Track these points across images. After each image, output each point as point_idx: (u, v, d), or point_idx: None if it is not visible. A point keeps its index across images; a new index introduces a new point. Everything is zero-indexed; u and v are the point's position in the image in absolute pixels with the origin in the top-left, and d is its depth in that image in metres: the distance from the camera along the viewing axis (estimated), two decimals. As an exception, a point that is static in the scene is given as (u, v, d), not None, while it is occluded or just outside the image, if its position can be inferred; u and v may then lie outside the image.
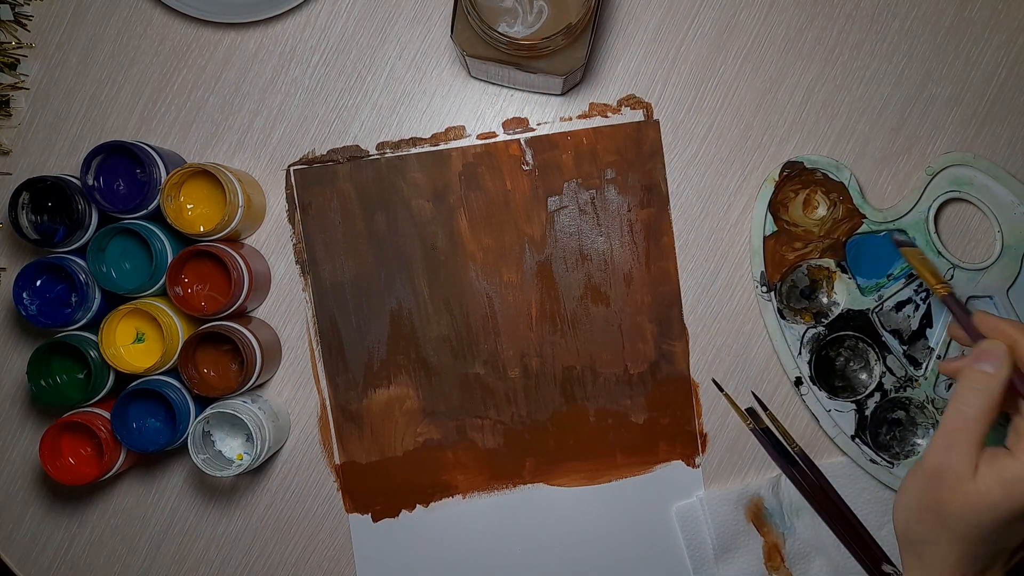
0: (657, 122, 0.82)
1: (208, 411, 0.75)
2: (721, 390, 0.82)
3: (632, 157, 0.82)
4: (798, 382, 0.81)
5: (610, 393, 0.82)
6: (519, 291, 0.82)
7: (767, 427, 0.82)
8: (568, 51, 0.73)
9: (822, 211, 0.81)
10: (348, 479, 0.82)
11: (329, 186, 0.82)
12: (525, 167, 0.82)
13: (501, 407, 0.82)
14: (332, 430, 0.82)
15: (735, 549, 0.81)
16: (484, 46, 0.72)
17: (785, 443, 0.82)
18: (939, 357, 0.81)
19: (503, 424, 0.82)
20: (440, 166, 0.82)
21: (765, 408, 0.82)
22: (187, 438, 0.75)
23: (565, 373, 0.82)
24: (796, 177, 0.81)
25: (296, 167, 0.82)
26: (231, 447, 0.79)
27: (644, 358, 0.82)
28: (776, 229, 0.81)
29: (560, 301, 0.82)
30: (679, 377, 0.82)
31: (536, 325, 0.82)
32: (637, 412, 0.82)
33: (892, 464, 0.81)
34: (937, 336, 0.81)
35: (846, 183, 0.80)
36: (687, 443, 0.82)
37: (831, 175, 0.81)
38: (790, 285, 0.82)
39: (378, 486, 0.82)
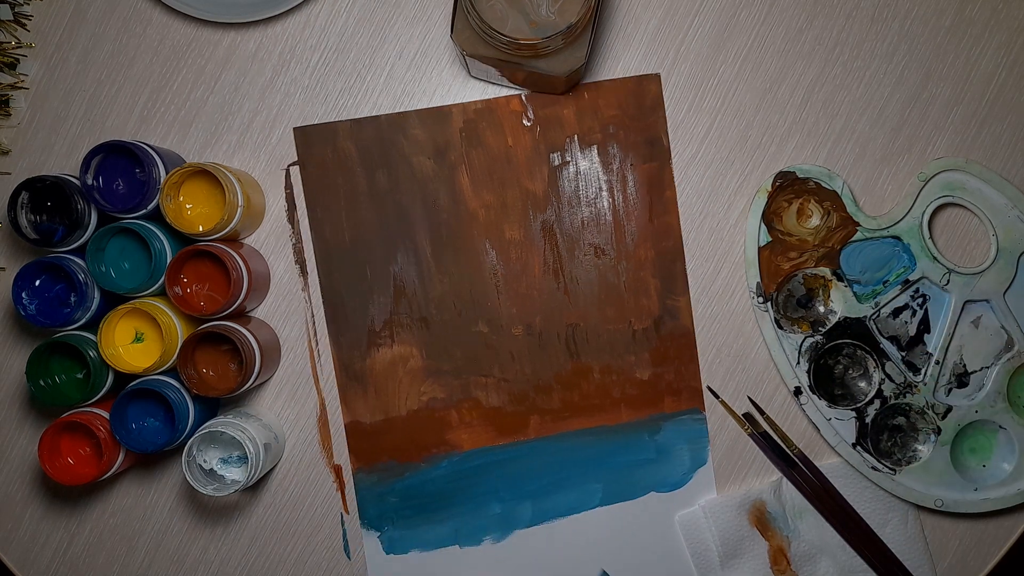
0: (658, 76, 0.82)
1: (203, 430, 0.75)
2: (717, 397, 0.82)
3: (633, 111, 0.82)
4: (797, 392, 0.81)
5: (614, 349, 0.82)
6: (522, 248, 0.82)
7: (765, 431, 0.82)
8: (568, 51, 0.73)
9: (816, 220, 0.81)
10: (353, 439, 0.82)
11: (330, 144, 0.82)
12: (526, 122, 0.82)
13: (505, 365, 0.82)
14: (325, 427, 0.82)
15: (740, 555, 0.81)
16: (484, 46, 0.72)
17: (784, 446, 0.82)
18: (937, 362, 0.81)
19: (507, 382, 0.82)
20: (441, 123, 0.82)
21: (762, 412, 0.82)
22: (185, 465, 0.75)
23: (569, 330, 0.82)
24: (789, 187, 0.81)
25: (297, 127, 0.82)
26: (211, 458, 0.79)
27: (648, 313, 0.82)
28: (770, 239, 0.81)
29: (563, 257, 0.82)
30: (683, 332, 0.82)
31: (539, 282, 0.82)
32: (642, 368, 0.82)
33: (894, 471, 0.80)
34: (935, 341, 0.81)
35: (839, 191, 0.80)
36: (692, 398, 0.82)
37: (824, 184, 0.81)
38: (786, 295, 0.82)
39: (382, 445, 0.82)
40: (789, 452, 0.81)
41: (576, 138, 0.82)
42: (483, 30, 0.70)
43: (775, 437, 0.82)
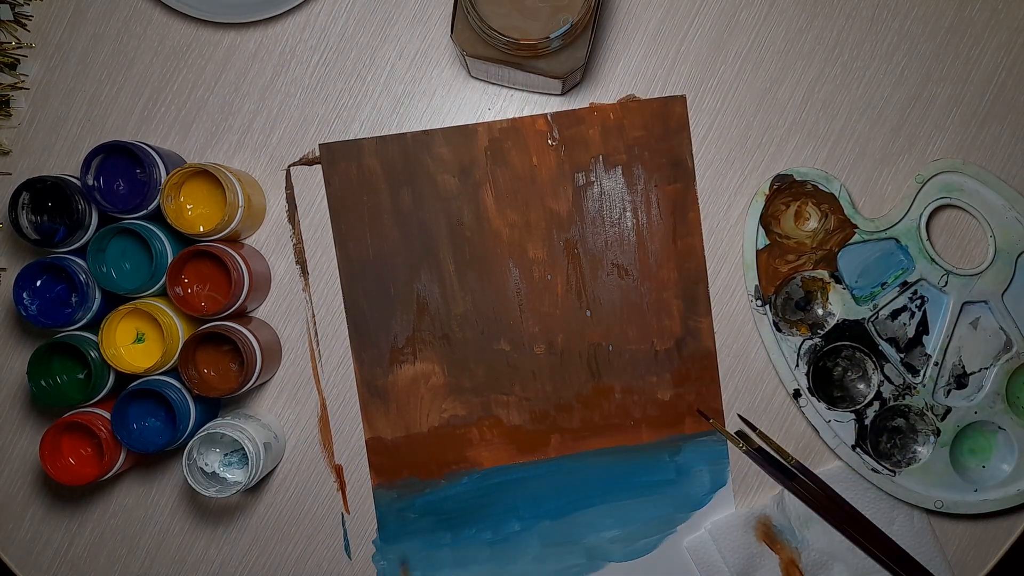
0: (683, 97, 0.82)
1: (202, 432, 0.76)
2: (707, 419, 0.82)
3: (659, 132, 0.82)
4: (796, 394, 0.81)
5: (636, 369, 0.82)
6: (545, 267, 0.82)
7: (760, 447, 0.82)
8: (568, 51, 0.73)
9: (813, 223, 0.81)
10: (374, 455, 0.82)
11: (355, 161, 0.82)
12: (551, 142, 0.82)
13: (526, 383, 0.82)
14: (326, 427, 0.82)
15: (753, 572, 0.81)
16: (484, 46, 0.72)
17: (781, 459, 0.81)
18: (936, 364, 0.81)
19: (528, 400, 0.82)
20: (466, 141, 0.82)
21: (754, 428, 0.82)
22: (186, 469, 0.75)
23: (591, 349, 0.82)
24: (786, 190, 0.81)
25: (322, 142, 0.82)
26: (212, 460, 0.79)
27: (670, 334, 0.82)
28: (768, 242, 0.81)
29: (586, 277, 0.82)
30: (705, 353, 0.82)
31: (562, 301, 0.82)
32: (663, 388, 0.82)
33: (894, 472, 0.81)
34: (934, 343, 0.81)
35: (836, 194, 0.80)
36: (713, 419, 0.82)
37: (821, 186, 0.81)
38: (785, 298, 0.82)
39: (403, 461, 0.82)
40: (787, 464, 0.81)
41: (601, 158, 0.82)
42: (483, 30, 0.70)
43: (770, 451, 0.81)
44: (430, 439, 0.82)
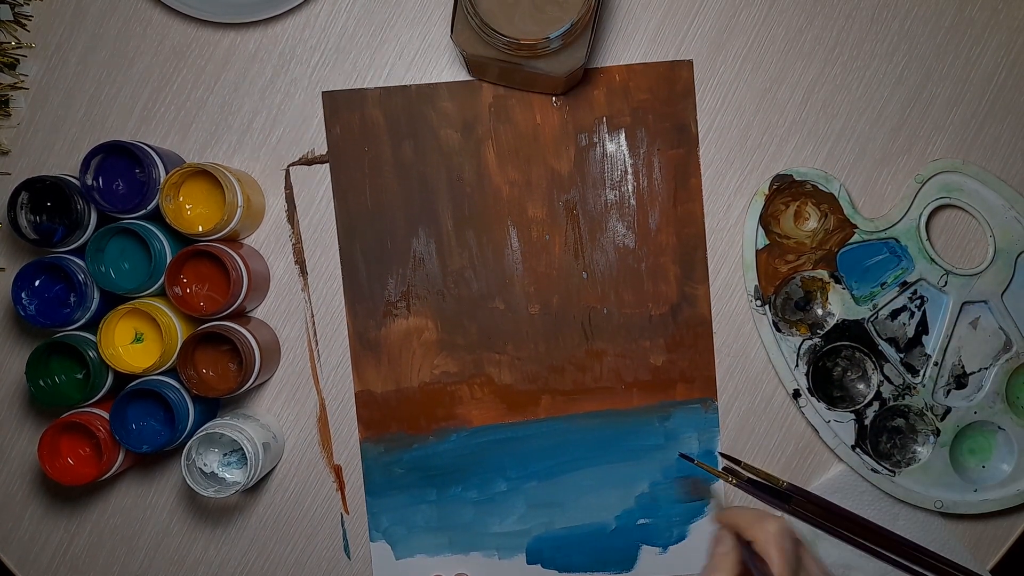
0: (690, 62, 0.82)
1: (201, 432, 0.75)
2: (691, 461, 0.80)
3: (664, 96, 0.81)
4: (796, 394, 0.81)
5: (630, 333, 0.82)
6: (544, 227, 0.82)
7: (749, 478, 0.80)
8: (568, 51, 0.73)
9: (813, 223, 0.81)
10: (363, 408, 0.82)
11: (358, 111, 0.81)
12: (555, 101, 0.81)
13: (519, 343, 0.82)
14: (325, 428, 0.82)
15: None
16: (484, 46, 0.72)
17: (772, 484, 0.80)
18: (936, 364, 0.81)
19: (520, 360, 0.82)
20: (470, 96, 0.81)
21: (739, 462, 0.80)
22: (185, 468, 0.75)
23: (585, 312, 0.82)
24: (786, 190, 0.81)
25: (326, 91, 0.82)
26: (211, 461, 0.79)
27: (666, 300, 0.82)
28: (768, 242, 0.81)
29: (584, 239, 0.82)
30: (700, 321, 0.82)
31: (559, 262, 0.82)
32: (656, 353, 0.82)
33: (894, 472, 0.80)
34: (933, 343, 0.81)
35: (836, 194, 0.80)
36: (705, 387, 0.82)
37: (821, 186, 0.81)
38: (784, 298, 0.82)
39: (392, 415, 0.82)
40: (780, 490, 0.80)
41: (605, 120, 0.81)
42: (483, 30, 0.70)
43: (761, 480, 0.80)
44: (420, 394, 0.82)
